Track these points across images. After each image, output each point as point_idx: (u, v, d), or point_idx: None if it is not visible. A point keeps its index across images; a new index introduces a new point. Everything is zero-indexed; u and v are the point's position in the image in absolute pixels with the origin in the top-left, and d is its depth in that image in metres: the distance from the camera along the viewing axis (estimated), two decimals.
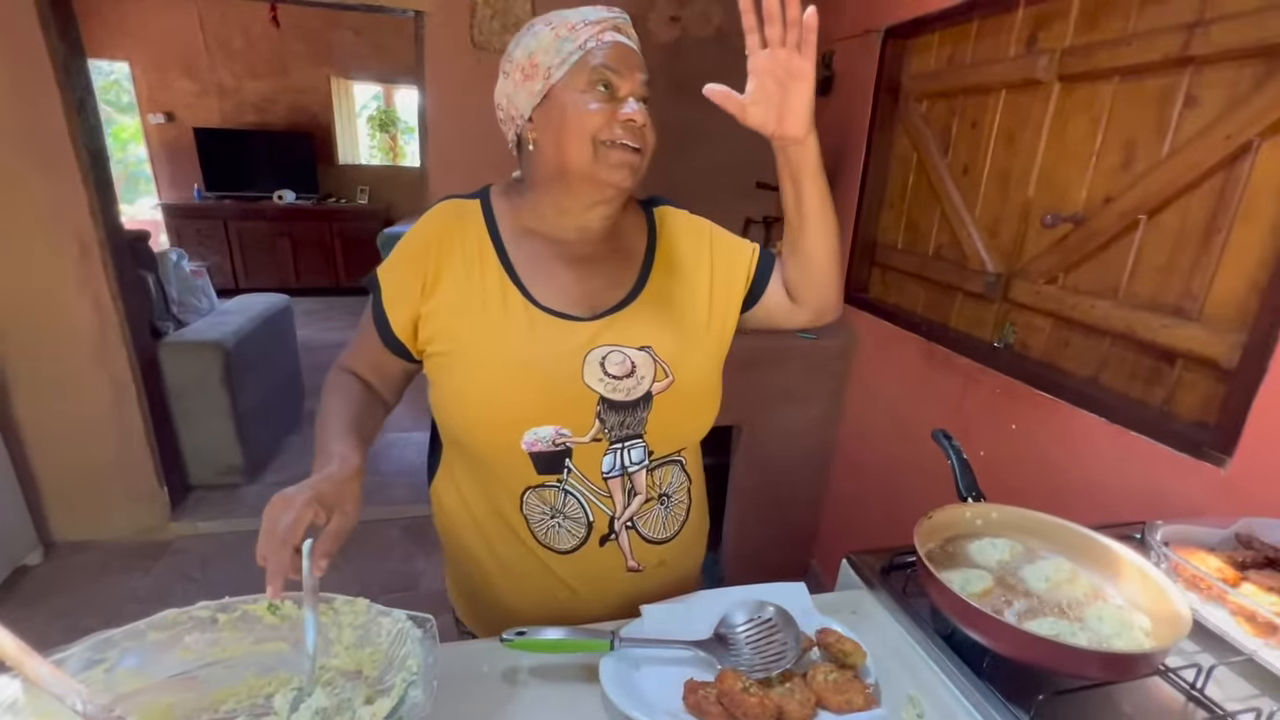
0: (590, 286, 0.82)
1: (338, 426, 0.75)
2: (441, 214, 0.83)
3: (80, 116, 2.02)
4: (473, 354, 0.77)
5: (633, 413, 0.79)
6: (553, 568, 0.84)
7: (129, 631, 0.57)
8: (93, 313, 2.16)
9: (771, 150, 0.76)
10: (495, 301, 0.78)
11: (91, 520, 2.38)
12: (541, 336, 0.77)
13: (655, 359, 0.80)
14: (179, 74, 5.43)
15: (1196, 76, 1.06)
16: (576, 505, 0.81)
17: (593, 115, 0.73)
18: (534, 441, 0.77)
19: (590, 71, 0.74)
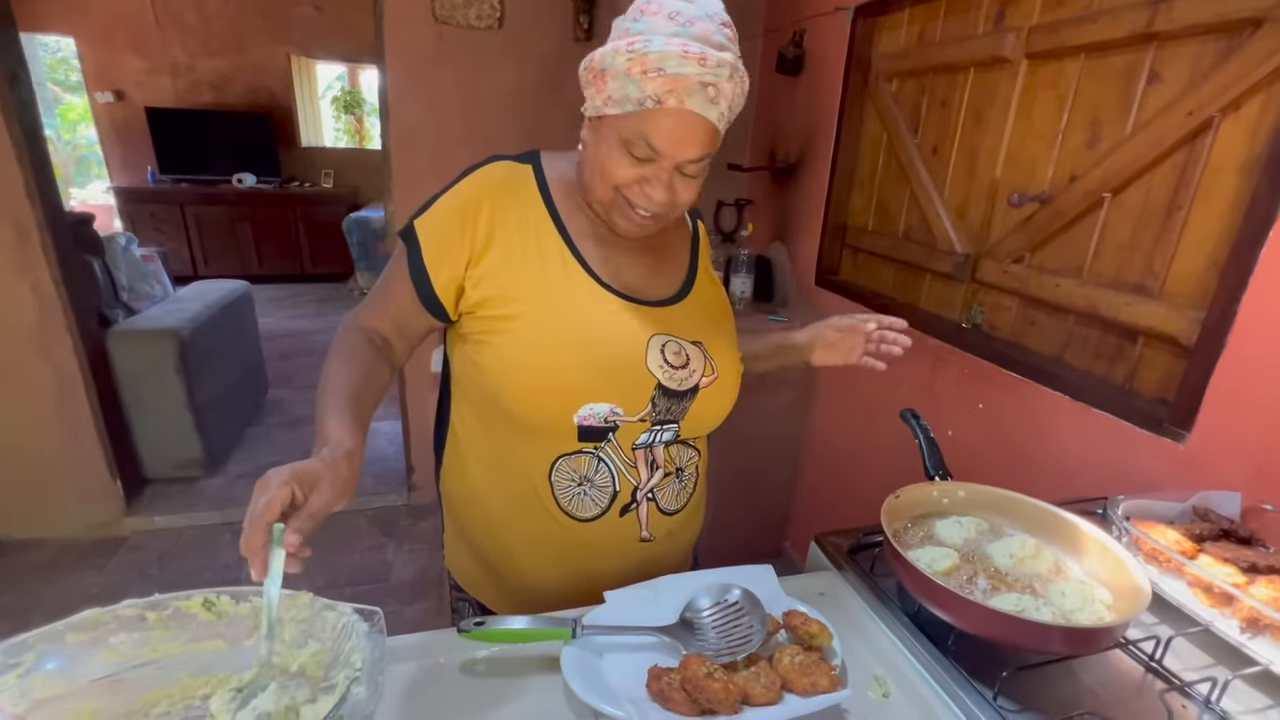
0: (644, 274, 0.84)
1: (335, 402, 0.70)
2: (494, 173, 0.80)
3: (12, 91, 1.89)
4: (535, 321, 0.76)
5: (679, 401, 0.81)
6: (571, 536, 0.83)
7: (45, 634, 0.53)
8: (32, 300, 2.05)
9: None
10: (556, 271, 0.77)
11: (40, 517, 2.27)
12: (609, 314, 0.78)
13: (705, 355, 0.83)
14: (128, 50, 5.17)
15: (1160, 52, 1.06)
16: (607, 474, 0.81)
17: (623, 170, 0.72)
18: (587, 416, 0.77)
19: (636, 134, 0.69)
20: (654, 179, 0.72)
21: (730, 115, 0.72)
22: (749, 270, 2.14)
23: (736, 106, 0.73)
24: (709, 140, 0.71)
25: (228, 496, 2.56)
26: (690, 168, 0.72)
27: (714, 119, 0.69)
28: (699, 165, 0.73)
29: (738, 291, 2.14)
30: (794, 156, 2.19)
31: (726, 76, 0.68)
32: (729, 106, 0.71)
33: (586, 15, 2.15)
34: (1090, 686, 0.66)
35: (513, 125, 2.26)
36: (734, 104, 0.72)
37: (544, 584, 0.87)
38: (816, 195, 2.04)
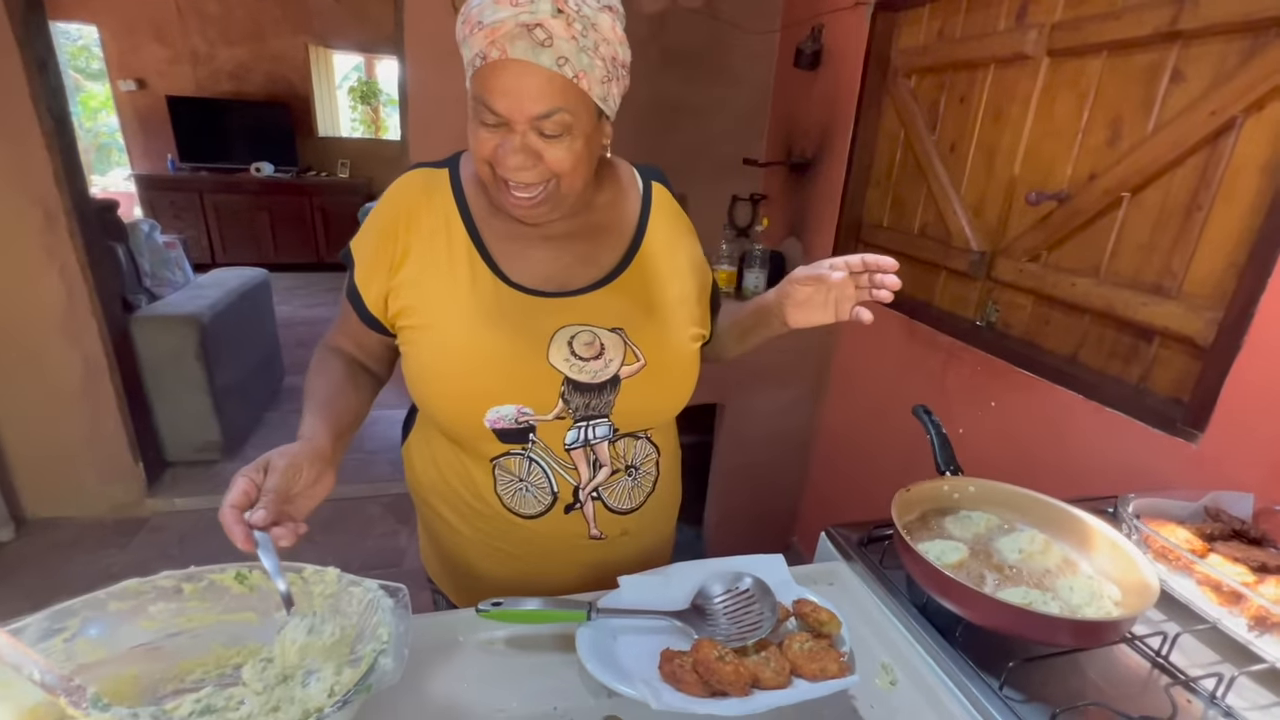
0: (565, 263, 0.79)
1: (310, 405, 0.75)
2: (408, 185, 0.79)
3: (42, 77, 1.93)
4: (438, 330, 0.75)
5: (599, 395, 0.77)
6: (518, 532, 0.84)
7: (89, 601, 0.55)
8: (60, 284, 2.09)
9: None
10: (463, 277, 0.76)
11: (64, 497, 2.33)
12: (508, 313, 0.75)
13: (626, 341, 0.78)
14: (150, 39, 5.23)
15: (1184, 51, 1.05)
16: (541, 474, 0.80)
17: (480, 142, 0.68)
18: (496, 419, 0.76)
19: (474, 98, 0.66)
20: (507, 144, 0.66)
21: (590, 62, 0.64)
22: (763, 265, 2.14)
23: (601, 51, 0.65)
24: (552, 91, 0.63)
25: None
26: (547, 126, 0.65)
27: (548, 64, 0.62)
28: (555, 122, 0.65)
29: (751, 286, 2.15)
30: (810, 152, 2.19)
31: (551, 13, 0.60)
32: (576, 49, 0.63)
33: None
34: (1096, 680, 0.67)
35: None
36: (586, 46, 0.63)
37: (497, 581, 0.87)
38: (832, 191, 2.04)
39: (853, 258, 0.72)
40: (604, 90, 0.68)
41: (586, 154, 0.70)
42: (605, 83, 0.67)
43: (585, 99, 0.66)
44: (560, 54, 0.62)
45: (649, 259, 0.82)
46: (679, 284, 0.83)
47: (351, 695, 0.49)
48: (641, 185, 0.86)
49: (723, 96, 2.40)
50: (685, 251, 0.86)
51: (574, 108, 0.65)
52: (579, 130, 0.67)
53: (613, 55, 0.67)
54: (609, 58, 0.66)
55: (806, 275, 0.75)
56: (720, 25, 2.29)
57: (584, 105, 0.66)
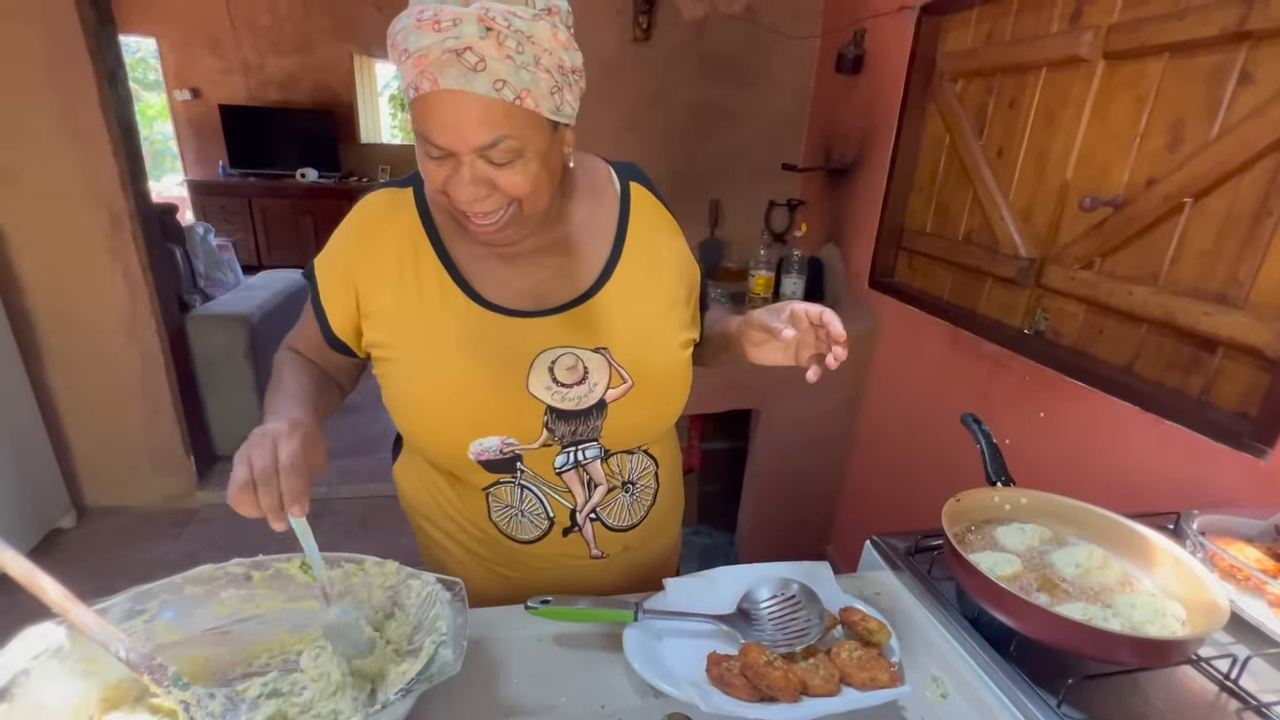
0: (541, 277, 0.75)
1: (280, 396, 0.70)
2: (371, 207, 0.75)
3: (112, 88, 2.04)
4: (413, 361, 0.72)
5: (585, 421, 0.73)
6: (517, 556, 0.82)
7: (167, 585, 0.58)
8: (124, 284, 2.20)
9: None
10: (435, 302, 0.71)
11: (122, 486, 2.44)
12: (485, 338, 0.71)
13: (611, 362, 0.74)
14: (205, 51, 5.47)
15: (1253, 52, 1.01)
16: (534, 500, 0.79)
17: (430, 174, 0.63)
18: (480, 451, 0.73)
19: (418, 131, 0.61)
20: (456, 177, 0.61)
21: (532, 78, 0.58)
22: (800, 271, 2.12)
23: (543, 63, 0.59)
24: (493, 118, 0.58)
25: None
26: (494, 154, 0.60)
27: (484, 90, 0.56)
28: (503, 149, 0.60)
29: (789, 292, 2.13)
30: (850, 157, 2.17)
31: (478, 34, 0.55)
32: (513, 69, 0.57)
33: (646, 16, 2.17)
34: (1158, 702, 0.65)
35: None
36: (524, 62, 0.57)
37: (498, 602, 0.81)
38: (873, 196, 2.01)
39: (812, 309, 0.68)
40: (555, 101, 0.62)
41: (545, 172, 0.65)
42: (555, 93, 0.61)
43: (533, 118, 0.60)
44: (496, 77, 0.57)
45: (632, 266, 0.77)
46: (666, 288, 0.79)
47: (413, 684, 0.50)
48: (619, 186, 0.80)
49: (761, 101, 2.39)
50: (671, 252, 0.81)
51: (520, 131, 0.60)
52: (532, 151, 0.62)
53: (559, 63, 0.61)
54: (554, 66, 0.60)
55: (762, 324, 0.72)
56: (760, 31, 2.29)
57: (532, 125, 0.61)
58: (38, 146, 2.00)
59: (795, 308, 0.69)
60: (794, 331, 0.68)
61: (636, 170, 0.83)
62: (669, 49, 2.25)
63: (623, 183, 0.80)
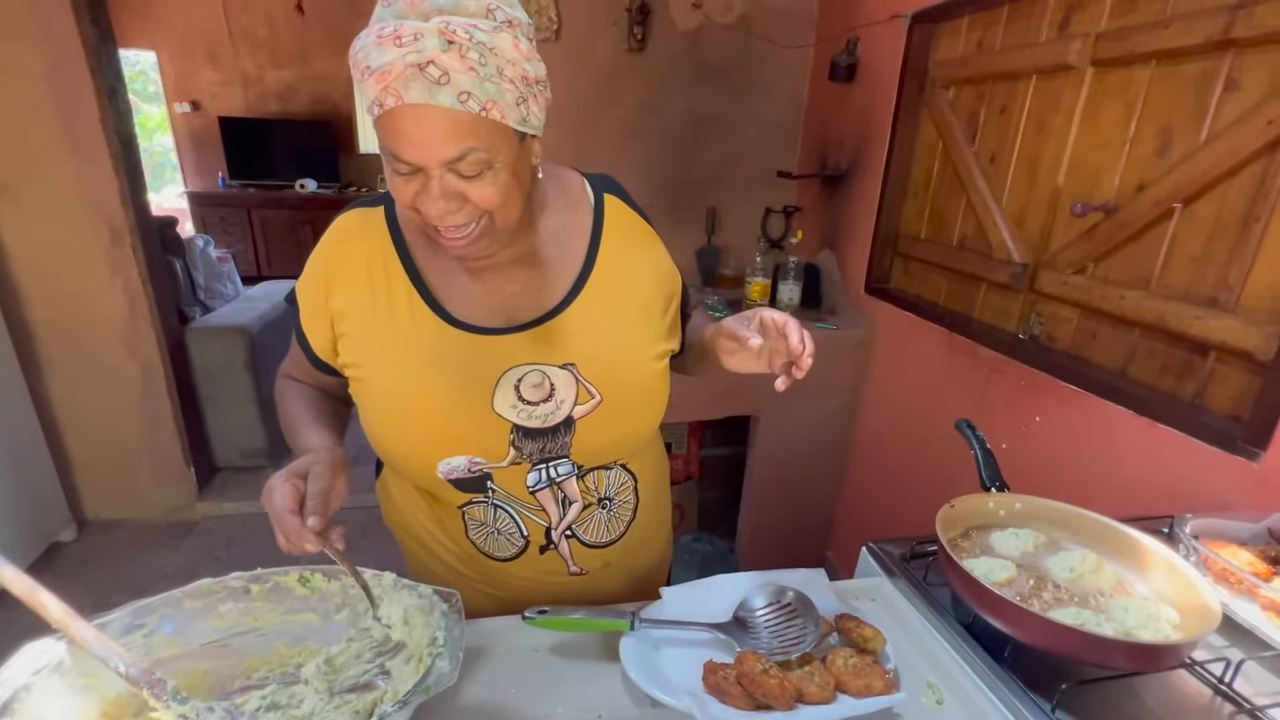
0: (510, 292, 0.74)
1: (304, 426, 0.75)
2: (342, 227, 0.76)
3: (111, 104, 2.05)
4: (381, 380, 0.72)
5: (553, 438, 0.73)
6: (496, 574, 0.83)
7: (167, 599, 0.59)
8: (123, 297, 2.21)
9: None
10: (403, 319, 0.72)
11: (122, 499, 2.44)
12: (451, 357, 0.71)
13: (578, 378, 0.73)
14: (204, 63, 5.51)
15: (1238, 60, 1.03)
16: (508, 519, 0.79)
17: (398, 190, 0.62)
18: (449, 470, 0.74)
19: (383, 147, 0.60)
20: (425, 192, 0.61)
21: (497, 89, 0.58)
22: (797, 278, 2.13)
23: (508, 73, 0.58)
24: (460, 131, 0.58)
25: None
26: (463, 167, 0.60)
27: (449, 103, 0.56)
28: (471, 161, 0.59)
29: (785, 299, 2.14)
30: (845, 164, 2.18)
31: (440, 48, 0.54)
32: (476, 80, 0.56)
33: (641, 26, 2.19)
34: (1153, 706, 0.65)
35: (564, 135, 2.32)
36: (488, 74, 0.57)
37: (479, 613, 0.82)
38: (868, 203, 2.03)
39: (778, 317, 0.68)
40: (521, 113, 0.61)
41: (515, 183, 0.64)
42: (521, 104, 0.61)
43: (500, 129, 0.60)
44: (461, 89, 0.56)
45: (604, 279, 0.76)
46: (640, 300, 0.78)
47: (410, 695, 0.51)
48: (593, 199, 0.79)
49: (755, 109, 2.41)
50: (648, 262, 0.80)
51: (488, 142, 0.60)
52: (500, 162, 0.62)
53: (522, 74, 0.60)
54: (518, 77, 0.60)
55: (731, 332, 0.72)
56: (753, 40, 2.31)
57: (500, 135, 0.60)
58: (39, 162, 2.02)
59: (763, 315, 0.69)
60: (761, 339, 0.68)
61: (611, 181, 0.82)
62: (665, 59, 2.27)
63: (596, 195, 0.80)
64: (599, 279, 0.76)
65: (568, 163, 0.81)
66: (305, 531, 0.58)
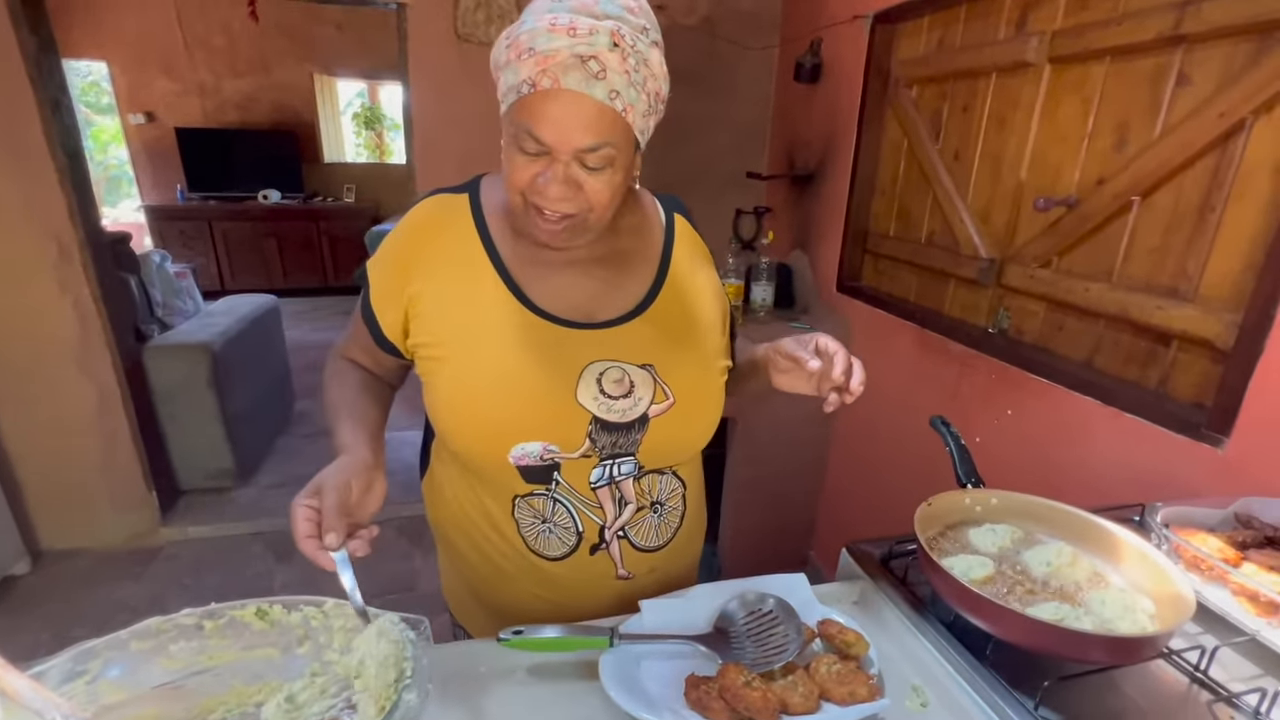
0: (591, 291, 0.78)
1: (340, 416, 0.75)
2: (426, 211, 0.78)
3: (55, 116, 1.97)
4: (461, 361, 0.74)
5: (626, 434, 0.75)
6: (542, 573, 0.82)
7: (111, 641, 0.55)
8: (74, 316, 2.12)
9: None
10: (487, 304, 0.74)
11: (79, 528, 2.34)
12: (536, 344, 0.73)
13: (656, 379, 0.76)
14: (158, 73, 5.34)
15: (1189, 55, 1.05)
16: (566, 514, 0.79)
17: (519, 170, 0.66)
18: (521, 456, 0.73)
19: (517, 126, 0.64)
20: (549, 174, 0.65)
21: (637, 96, 0.64)
22: (770, 278, 2.14)
23: (648, 86, 0.65)
24: (601, 124, 0.63)
25: (259, 506, 2.61)
26: (591, 158, 0.64)
27: (601, 97, 0.62)
28: (600, 155, 0.64)
29: (759, 299, 2.15)
30: (813, 164, 2.20)
31: (608, 46, 0.60)
32: (627, 84, 0.63)
33: None
34: (1134, 697, 0.66)
35: None
36: (636, 81, 0.63)
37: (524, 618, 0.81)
38: (837, 202, 2.04)
39: (831, 344, 0.72)
40: (645, 124, 0.68)
41: (622, 186, 0.70)
42: (646, 116, 0.68)
43: (629, 132, 0.66)
44: (613, 87, 0.62)
45: (676, 290, 0.81)
46: (706, 314, 0.83)
47: None
48: (664, 216, 0.86)
49: (724, 111, 2.42)
50: (709, 281, 0.86)
51: (619, 141, 0.65)
52: (620, 163, 0.67)
53: (656, 90, 0.67)
54: (653, 92, 0.67)
55: (789, 353, 0.75)
56: (719, 42, 2.31)
57: (627, 139, 0.67)
58: None
59: (820, 341, 0.73)
60: (820, 363, 0.72)
61: (680, 202, 0.88)
62: None
63: (667, 213, 0.86)
64: (670, 290, 0.81)
65: None
66: (321, 555, 0.59)
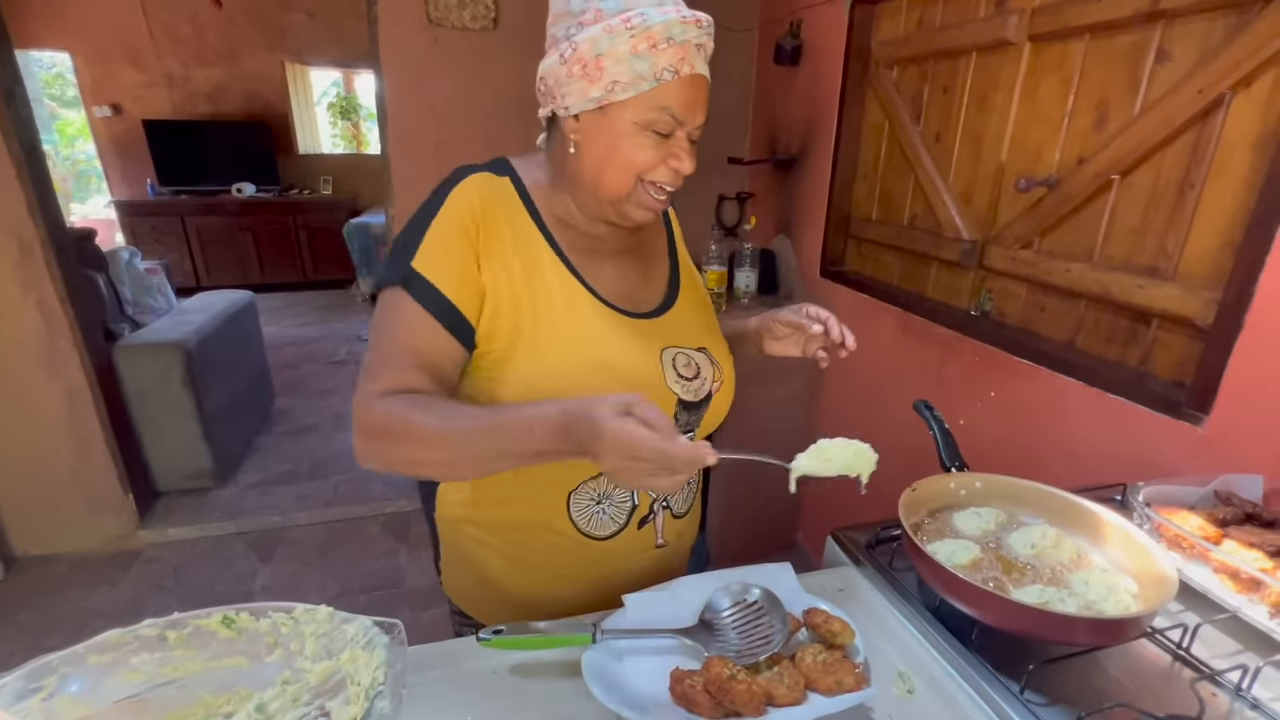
0: (634, 281, 0.81)
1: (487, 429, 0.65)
2: (476, 189, 0.72)
3: (9, 108, 1.89)
4: (545, 350, 0.72)
5: (696, 412, 0.80)
6: (589, 553, 0.82)
7: (67, 656, 0.53)
8: (38, 317, 2.05)
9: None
10: (557, 293, 0.73)
11: (54, 532, 2.28)
12: (618, 335, 0.75)
13: (712, 360, 0.82)
14: (123, 64, 5.17)
15: (1168, 30, 1.04)
16: (624, 493, 0.81)
17: (644, 155, 0.70)
18: None
19: (658, 111, 0.68)
20: (679, 150, 0.71)
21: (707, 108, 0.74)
22: (753, 264, 2.12)
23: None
24: (708, 101, 0.73)
25: (239, 506, 2.56)
26: (696, 133, 0.73)
27: (708, 79, 0.72)
28: (701, 130, 0.73)
29: (742, 285, 2.13)
30: (795, 148, 2.18)
31: (710, 37, 0.69)
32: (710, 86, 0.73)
33: None
34: (1118, 677, 0.66)
35: (513, 125, 2.25)
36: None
37: (560, 599, 0.83)
38: (819, 186, 2.03)
39: (821, 312, 0.82)
40: None
41: None
42: None
43: None
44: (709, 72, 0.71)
45: (688, 279, 0.87)
46: (707, 296, 0.90)
47: None
48: None
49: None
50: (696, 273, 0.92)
51: None
52: None
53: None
54: None
55: (789, 320, 0.84)
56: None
57: None
58: None
59: (810, 309, 0.83)
60: (820, 327, 0.81)
61: None
62: None
63: None
64: (685, 277, 0.87)
65: (518, 154, 0.81)
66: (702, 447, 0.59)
